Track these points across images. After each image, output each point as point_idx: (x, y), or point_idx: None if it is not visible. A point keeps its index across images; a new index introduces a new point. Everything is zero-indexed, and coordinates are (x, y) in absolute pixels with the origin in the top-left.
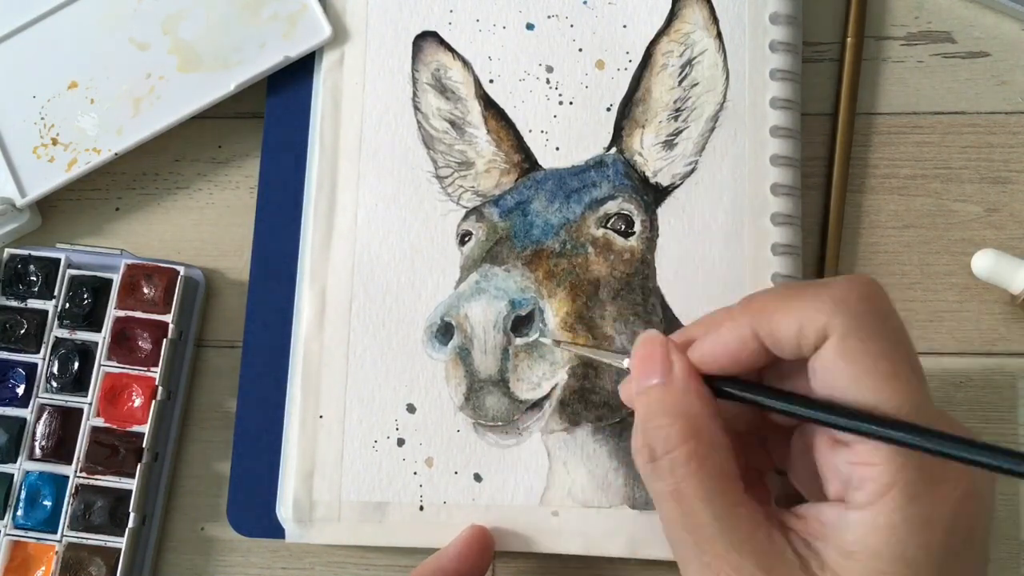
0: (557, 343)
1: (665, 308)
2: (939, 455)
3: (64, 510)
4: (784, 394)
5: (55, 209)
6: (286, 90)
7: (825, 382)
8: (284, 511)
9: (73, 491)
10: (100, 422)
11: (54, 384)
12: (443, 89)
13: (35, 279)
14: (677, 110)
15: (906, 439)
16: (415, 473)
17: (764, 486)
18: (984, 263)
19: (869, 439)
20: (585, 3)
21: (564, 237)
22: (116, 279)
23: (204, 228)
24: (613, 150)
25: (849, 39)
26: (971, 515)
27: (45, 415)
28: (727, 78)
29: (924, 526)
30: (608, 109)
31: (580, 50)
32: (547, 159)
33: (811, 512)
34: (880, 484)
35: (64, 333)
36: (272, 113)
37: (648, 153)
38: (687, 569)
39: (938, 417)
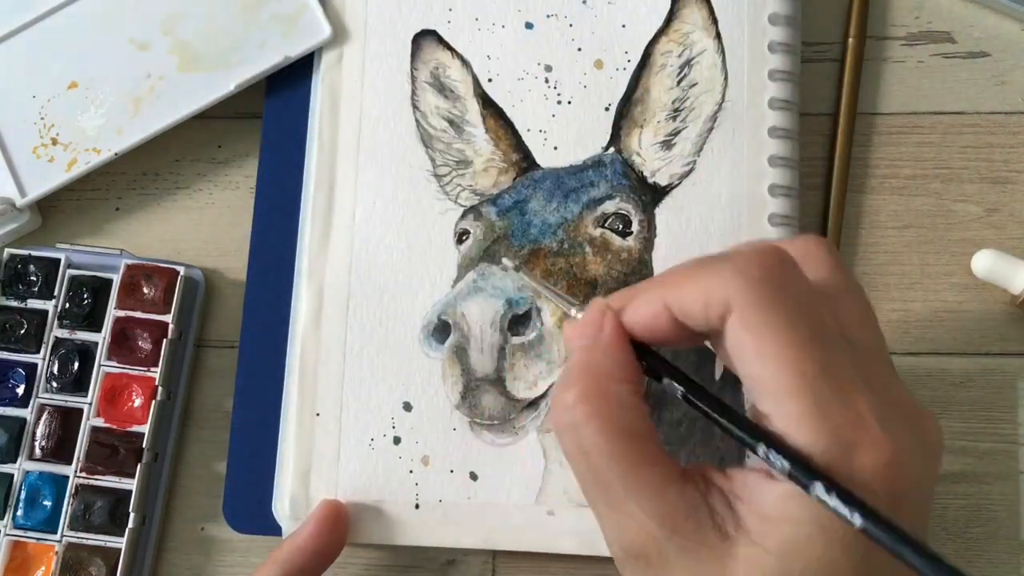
0: (517, 268)
1: None
2: (795, 480)
3: (64, 510)
4: (691, 384)
5: (55, 209)
6: (285, 89)
7: (735, 355)
8: (281, 508)
9: (73, 491)
10: (100, 422)
11: (54, 384)
12: (442, 88)
13: (35, 279)
14: (676, 110)
15: (770, 454)
16: (411, 471)
17: None
18: (984, 263)
19: (738, 442)
20: (584, 3)
21: (562, 236)
22: (116, 279)
23: (204, 228)
24: (611, 150)
25: (850, 39)
26: (896, 484)
27: (45, 415)
28: (726, 78)
29: None
30: (607, 109)
31: (579, 49)
32: (545, 158)
33: (738, 475)
34: None
35: (64, 333)
36: (271, 112)
37: (646, 153)
38: (602, 526)
39: (856, 367)
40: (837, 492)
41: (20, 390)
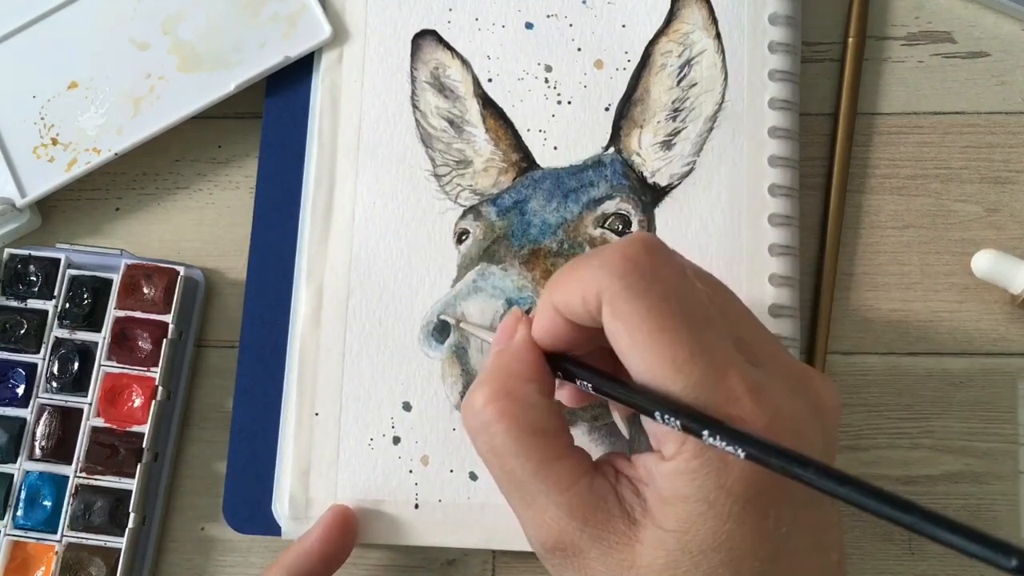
0: (457, 323)
1: None
2: (690, 432)
3: (64, 510)
4: (597, 375)
5: (55, 209)
6: (285, 89)
7: (613, 345)
8: (280, 508)
9: (73, 491)
10: (100, 422)
11: (54, 384)
12: (442, 88)
13: (35, 279)
14: (675, 110)
15: (665, 415)
16: (410, 471)
17: None
18: (984, 263)
19: (640, 412)
20: (584, 3)
21: (562, 236)
22: (116, 279)
23: (204, 228)
24: (611, 150)
25: (850, 39)
26: None
27: (45, 415)
28: (726, 78)
29: (721, 467)
30: (607, 109)
31: (579, 49)
32: (545, 158)
33: (640, 460)
34: (678, 435)
35: (64, 333)
36: (271, 112)
37: (646, 153)
38: (521, 523)
39: (723, 358)
40: (720, 434)
41: (20, 390)
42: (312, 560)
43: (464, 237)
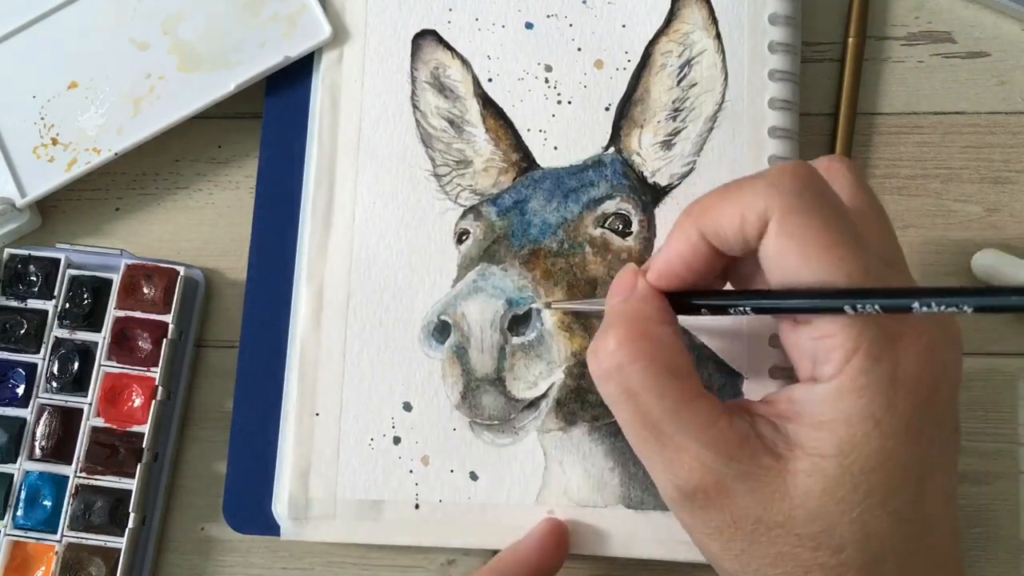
0: (547, 305)
1: None
2: (893, 310)
3: (64, 510)
4: (736, 293)
5: (55, 209)
6: (285, 89)
7: (776, 266)
8: (280, 508)
9: (73, 491)
10: (100, 422)
11: (54, 384)
12: (442, 88)
13: (35, 279)
14: (676, 110)
15: (857, 304)
16: (411, 471)
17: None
18: (984, 263)
19: (823, 314)
20: (584, 2)
21: (562, 236)
22: (116, 279)
23: (204, 228)
24: (611, 150)
25: (850, 39)
26: (934, 370)
27: (45, 415)
28: (726, 78)
29: (890, 385)
30: (607, 109)
31: (579, 49)
32: (545, 158)
33: (780, 396)
34: (844, 351)
35: (64, 333)
36: (271, 112)
37: (646, 153)
38: (653, 469)
39: (890, 275)
40: (936, 298)
41: (20, 390)
42: (526, 571)
43: (464, 237)
